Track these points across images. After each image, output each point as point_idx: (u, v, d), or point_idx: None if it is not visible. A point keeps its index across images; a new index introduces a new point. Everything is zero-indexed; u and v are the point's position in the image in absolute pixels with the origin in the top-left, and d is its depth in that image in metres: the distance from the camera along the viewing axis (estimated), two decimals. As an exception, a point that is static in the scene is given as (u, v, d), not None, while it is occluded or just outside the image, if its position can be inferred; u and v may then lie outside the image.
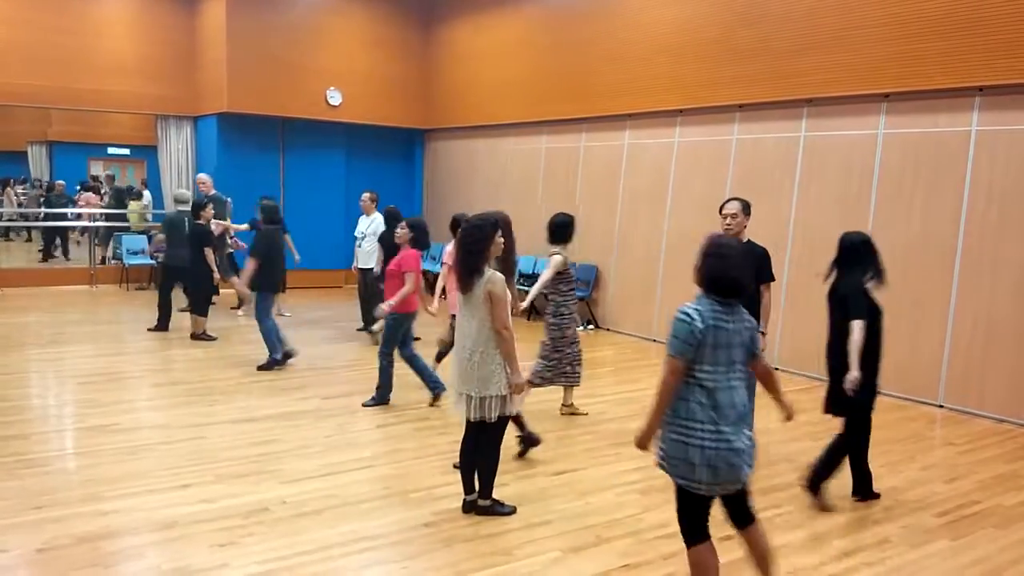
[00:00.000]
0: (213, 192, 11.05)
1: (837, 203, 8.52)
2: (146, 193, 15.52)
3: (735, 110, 9.58)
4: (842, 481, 5.54)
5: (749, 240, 5.64)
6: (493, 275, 4.41)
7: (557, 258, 6.54)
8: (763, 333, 5.52)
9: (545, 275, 6.58)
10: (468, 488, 4.70)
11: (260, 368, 7.96)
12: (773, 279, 5.71)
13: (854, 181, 8.38)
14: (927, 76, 7.71)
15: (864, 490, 5.14)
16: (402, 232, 6.86)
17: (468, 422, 4.56)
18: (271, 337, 8.02)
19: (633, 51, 10.67)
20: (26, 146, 21.92)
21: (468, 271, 4.44)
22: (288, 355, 8.17)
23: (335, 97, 13.76)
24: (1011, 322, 7.18)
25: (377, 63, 14.15)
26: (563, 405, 6.91)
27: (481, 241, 4.43)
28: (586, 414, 6.89)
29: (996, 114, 7.35)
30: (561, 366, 6.66)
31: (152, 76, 13.54)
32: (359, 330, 10.12)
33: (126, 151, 21.57)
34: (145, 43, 13.42)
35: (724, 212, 5.58)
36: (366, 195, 10.12)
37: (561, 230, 6.67)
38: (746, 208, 5.58)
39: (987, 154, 7.39)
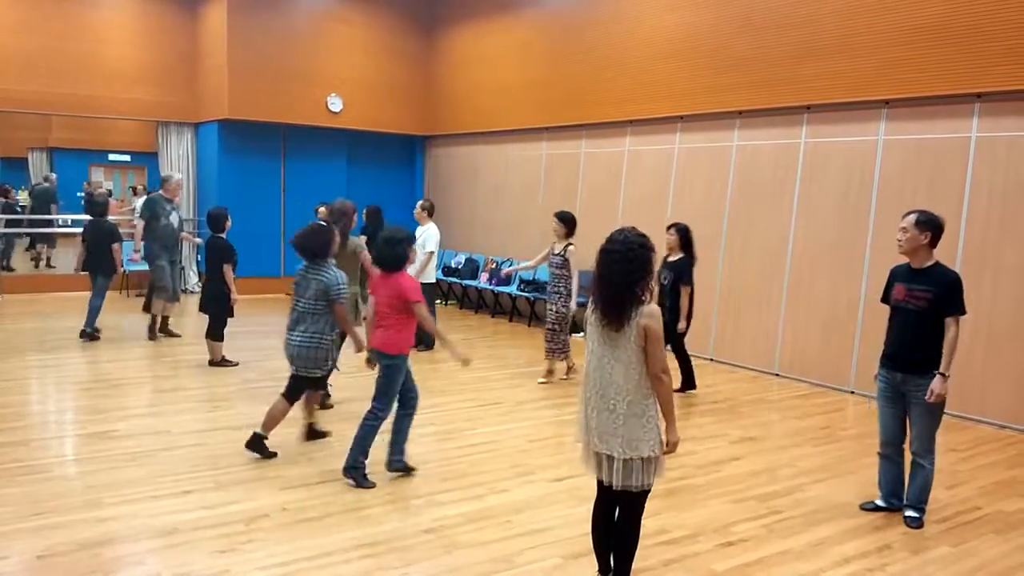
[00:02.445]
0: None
1: (837, 209, 8.53)
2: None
3: (735, 117, 9.59)
4: (840, 488, 5.53)
5: (937, 262, 4.77)
6: (651, 307, 3.54)
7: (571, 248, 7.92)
8: (944, 375, 4.70)
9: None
10: (603, 567, 3.91)
11: (81, 336, 9.36)
12: (961, 311, 4.65)
13: (854, 187, 8.39)
14: (926, 83, 7.73)
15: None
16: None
17: (601, 487, 3.77)
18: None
19: (633, 58, 10.70)
20: (26, 153, 21.95)
21: (624, 302, 3.50)
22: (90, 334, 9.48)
23: (336, 104, 13.78)
24: (1012, 328, 7.19)
25: (378, 69, 14.18)
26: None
27: (645, 265, 3.51)
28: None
29: (995, 120, 7.37)
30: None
31: (153, 83, 13.56)
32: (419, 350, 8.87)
33: (127, 158, 21.62)
34: (146, 50, 13.45)
35: (901, 225, 4.83)
36: (419, 204, 9.69)
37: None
38: (922, 223, 4.68)
39: (986, 160, 7.40)
